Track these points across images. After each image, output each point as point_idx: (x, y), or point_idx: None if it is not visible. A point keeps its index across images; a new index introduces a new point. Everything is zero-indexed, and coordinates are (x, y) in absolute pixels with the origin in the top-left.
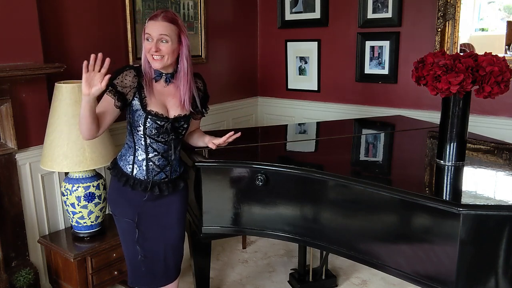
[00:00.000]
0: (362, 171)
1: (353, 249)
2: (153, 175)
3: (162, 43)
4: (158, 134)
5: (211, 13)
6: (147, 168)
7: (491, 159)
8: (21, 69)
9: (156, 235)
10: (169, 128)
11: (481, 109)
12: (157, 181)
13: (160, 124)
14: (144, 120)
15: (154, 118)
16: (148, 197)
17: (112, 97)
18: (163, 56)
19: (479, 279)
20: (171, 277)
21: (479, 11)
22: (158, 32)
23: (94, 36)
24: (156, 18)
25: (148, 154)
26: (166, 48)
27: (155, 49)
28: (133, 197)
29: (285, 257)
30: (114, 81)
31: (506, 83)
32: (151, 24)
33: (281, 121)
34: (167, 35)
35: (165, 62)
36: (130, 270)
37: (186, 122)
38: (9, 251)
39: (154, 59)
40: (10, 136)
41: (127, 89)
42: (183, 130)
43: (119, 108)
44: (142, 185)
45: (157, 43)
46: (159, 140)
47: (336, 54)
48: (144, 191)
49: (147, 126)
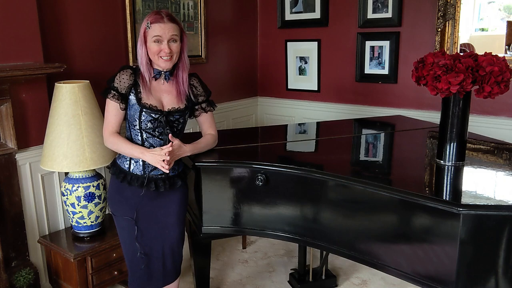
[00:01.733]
0: (362, 171)
1: (353, 249)
2: (149, 170)
3: (172, 43)
4: (153, 128)
5: (211, 13)
6: (144, 163)
7: (491, 159)
8: (21, 69)
9: (155, 234)
10: (163, 121)
11: (481, 109)
12: (154, 176)
13: (154, 117)
14: (139, 113)
15: (148, 111)
16: (145, 192)
17: (116, 101)
18: (172, 55)
19: (479, 279)
20: (169, 278)
21: (479, 11)
22: (169, 33)
23: (94, 36)
24: (163, 20)
25: None
26: (176, 48)
27: (169, 50)
28: (131, 195)
29: (285, 257)
30: (114, 84)
31: (506, 83)
32: (160, 27)
33: (281, 121)
34: (176, 35)
35: (173, 61)
36: (130, 271)
37: (182, 117)
38: (9, 251)
39: (164, 59)
40: (10, 136)
41: (126, 89)
42: (178, 125)
43: (124, 110)
44: (139, 180)
45: (168, 44)
46: (155, 134)
47: (336, 54)
48: (141, 186)
49: (142, 120)
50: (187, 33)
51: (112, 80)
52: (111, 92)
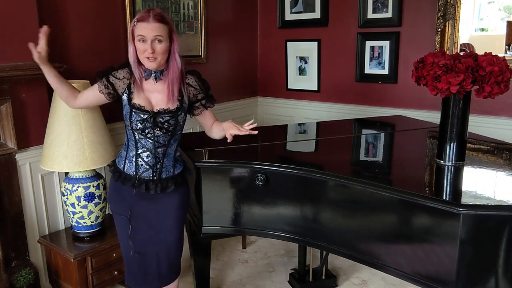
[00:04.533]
0: (362, 171)
1: (353, 249)
2: (141, 171)
3: (156, 43)
4: (143, 128)
5: (211, 13)
6: (136, 164)
7: (491, 159)
8: (21, 69)
9: (149, 236)
10: (151, 122)
11: (481, 109)
12: (145, 178)
13: (143, 118)
14: (129, 114)
15: (137, 111)
16: (135, 192)
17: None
18: (157, 56)
19: (479, 279)
20: (164, 280)
21: (479, 11)
22: (152, 33)
23: (94, 36)
24: (148, 19)
25: (138, 150)
26: (161, 49)
27: (151, 51)
28: (126, 193)
29: (285, 257)
30: (109, 72)
31: (506, 83)
32: (144, 26)
33: (281, 121)
34: (161, 36)
35: (159, 61)
36: (126, 268)
37: (173, 118)
38: (9, 251)
39: (149, 60)
40: (10, 136)
41: (118, 81)
42: (169, 126)
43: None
44: (131, 180)
45: (151, 44)
46: (147, 135)
47: (336, 54)
48: (132, 186)
49: (132, 120)
50: (187, 33)
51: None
52: (102, 80)
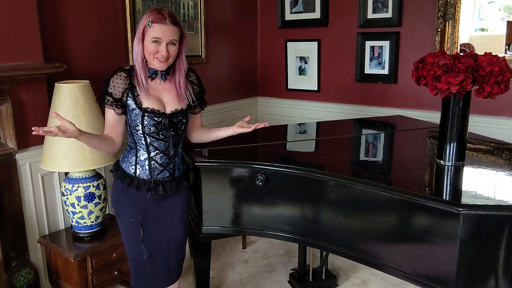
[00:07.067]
0: (362, 171)
1: (353, 249)
2: (156, 173)
3: (170, 46)
4: (157, 131)
5: (211, 13)
6: (150, 167)
7: (491, 159)
8: (21, 69)
9: (161, 235)
10: (167, 124)
11: (481, 109)
12: (161, 179)
13: (157, 121)
14: (141, 118)
15: (151, 115)
16: (151, 196)
17: (110, 107)
18: (169, 58)
19: (479, 279)
20: (173, 278)
21: (479, 11)
22: (169, 37)
23: (94, 36)
24: (165, 22)
25: (150, 153)
26: (174, 51)
27: (166, 54)
28: (137, 197)
29: (285, 257)
30: (109, 90)
31: (506, 83)
32: (161, 28)
33: (281, 121)
34: (176, 39)
35: (169, 63)
36: (134, 272)
37: (185, 117)
38: (9, 251)
39: (160, 61)
40: (10, 136)
41: (121, 93)
42: (182, 125)
43: (123, 114)
44: (146, 184)
45: (166, 46)
46: (159, 137)
47: (336, 54)
48: (148, 190)
49: (145, 124)
50: (187, 33)
51: (107, 84)
52: (106, 98)
